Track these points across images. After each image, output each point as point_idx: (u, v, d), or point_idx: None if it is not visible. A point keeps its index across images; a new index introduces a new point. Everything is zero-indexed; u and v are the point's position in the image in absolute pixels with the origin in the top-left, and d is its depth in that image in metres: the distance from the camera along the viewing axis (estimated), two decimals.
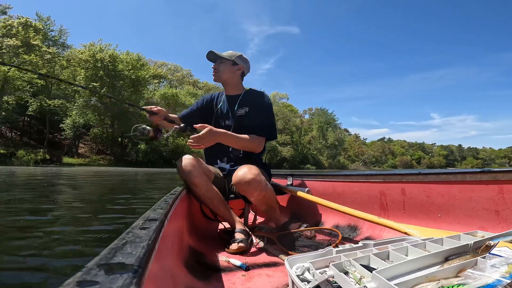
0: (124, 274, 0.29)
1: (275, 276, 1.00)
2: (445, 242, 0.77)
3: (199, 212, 1.75)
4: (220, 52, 1.59)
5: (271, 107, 1.56)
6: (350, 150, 73.26)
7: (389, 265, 0.60)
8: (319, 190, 1.77)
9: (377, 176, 1.46)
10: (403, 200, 1.32)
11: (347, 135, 78.15)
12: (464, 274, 0.52)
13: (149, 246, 0.40)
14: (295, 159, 49.03)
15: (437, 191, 1.19)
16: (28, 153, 19.92)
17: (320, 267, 0.72)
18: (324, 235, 1.48)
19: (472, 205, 1.08)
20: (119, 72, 25.71)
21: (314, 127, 60.43)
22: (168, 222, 0.69)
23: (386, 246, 0.78)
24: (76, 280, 0.27)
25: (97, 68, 25.03)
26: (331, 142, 59.53)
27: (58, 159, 21.78)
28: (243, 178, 1.29)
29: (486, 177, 1.05)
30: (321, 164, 55.82)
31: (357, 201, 1.54)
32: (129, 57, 27.22)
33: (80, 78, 25.08)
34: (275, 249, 1.27)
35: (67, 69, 26.26)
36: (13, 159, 18.63)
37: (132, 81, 26.52)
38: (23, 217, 2.67)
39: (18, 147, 20.93)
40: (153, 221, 0.57)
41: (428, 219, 1.21)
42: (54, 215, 2.77)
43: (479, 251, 0.64)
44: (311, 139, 57.93)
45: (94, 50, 25.70)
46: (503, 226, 0.98)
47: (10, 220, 2.54)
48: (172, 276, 0.72)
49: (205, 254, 1.19)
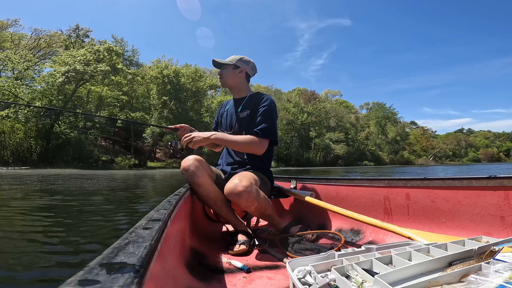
0: (126, 274, 0.29)
1: (276, 279, 1.00)
2: (449, 247, 0.76)
3: (202, 213, 1.76)
4: (239, 56, 1.63)
5: (272, 108, 1.54)
6: (417, 145, 67.01)
7: (391, 270, 0.59)
8: (323, 193, 1.77)
9: (381, 180, 1.45)
10: (407, 205, 1.31)
11: (413, 128, 73.49)
12: (467, 280, 0.51)
13: (151, 246, 0.41)
14: (351, 156, 48.20)
15: (442, 196, 1.18)
16: (123, 159, 24.22)
17: (321, 270, 0.71)
18: (326, 239, 1.47)
19: (477, 211, 1.06)
20: (182, 85, 28.97)
21: (372, 123, 58.43)
22: (171, 223, 0.70)
23: (389, 251, 0.77)
24: (78, 279, 0.28)
25: (165, 83, 28.41)
26: (392, 137, 57.36)
27: (144, 163, 25.57)
28: (233, 190, 1.26)
29: (492, 183, 1.03)
30: (382, 160, 53.69)
31: (361, 205, 1.53)
32: (188, 70, 30.05)
33: (153, 92, 28.97)
34: (277, 252, 1.26)
35: (143, 85, 29.93)
36: (114, 164, 22.99)
37: (193, 93, 29.59)
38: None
39: (114, 154, 25.22)
40: (156, 221, 0.57)
41: (433, 224, 1.19)
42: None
43: (483, 257, 0.63)
44: (368, 134, 55.77)
45: (161, 67, 29.22)
46: (508, 232, 0.97)
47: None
48: (174, 276, 0.72)
49: (207, 255, 1.19)
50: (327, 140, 46.14)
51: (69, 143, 22.02)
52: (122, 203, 4.10)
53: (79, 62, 21.31)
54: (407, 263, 0.65)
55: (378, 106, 60.52)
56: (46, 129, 21.40)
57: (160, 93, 28.18)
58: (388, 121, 58.52)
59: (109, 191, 5.68)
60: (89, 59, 21.90)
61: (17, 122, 20.03)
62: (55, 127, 22.17)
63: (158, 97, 28.03)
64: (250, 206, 1.30)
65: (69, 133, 22.73)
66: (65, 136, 22.34)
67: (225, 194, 1.30)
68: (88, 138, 23.93)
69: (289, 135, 42.75)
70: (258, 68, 1.71)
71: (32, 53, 26.96)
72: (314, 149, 45.46)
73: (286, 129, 42.57)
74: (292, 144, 42.93)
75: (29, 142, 20.14)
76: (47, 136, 21.20)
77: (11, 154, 19.13)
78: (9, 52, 23.80)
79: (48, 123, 21.84)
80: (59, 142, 21.74)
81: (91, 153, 22.85)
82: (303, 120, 43.86)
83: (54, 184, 7.06)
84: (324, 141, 45.59)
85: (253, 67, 1.66)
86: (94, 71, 21.64)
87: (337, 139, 47.35)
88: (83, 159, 21.52)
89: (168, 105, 27.30)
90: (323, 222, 1.70)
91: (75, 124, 23.60)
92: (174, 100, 27.92)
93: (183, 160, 1.38)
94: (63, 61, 21.67)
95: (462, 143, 77.64)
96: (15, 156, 19.19)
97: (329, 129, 48.89)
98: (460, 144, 76.82)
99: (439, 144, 73.56)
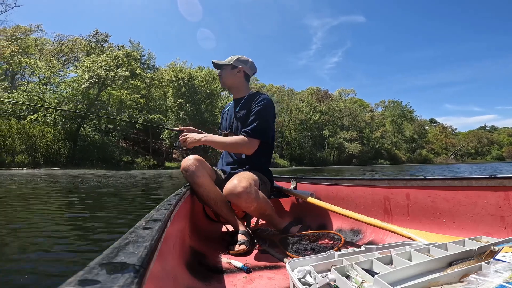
0: (126, 274, 0.29)
1: (276, 279, 1.00)
2: (449, 247, 0.76)
3: (202, 213, 1.76)
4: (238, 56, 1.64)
5: (266, 108, 1.52)
6: (436, 143, 65.50)
7: (391, 270, 0.59)
8: (323, 193, 1.77)
9: (382, 180, 1.45)
10: (407, 205, 1.31)
11: (432, 126, 71.99)
12: (467, 280, 0.51)
13: (151, 246, 0.41)
14: (365, 155, 47.94)
15: (442, 196, 1.18)
16: (143, 160, 25.26)
17: (321, 270, 0.71)
18: (326, 239, 1.47)
19: (478, 211, 1.06)
20: (196, 87, 29.70)
21: (387, 121, 57.49)
22: (171, 223, 0.70)
23: (389, 251, 0.77)
24: (78, 279, 0.28)
25: (180, 85, 29.21)
26: (409, 135, 56.34)
27: (162, 163, 26.34)
28: (232, 191, 1.26)
29: (492, 183, 1.03)
30: (398, 159, 52.86)
31: (361, 205, 1.53)
32: (202, 73, 30.70)
33: (169, 95, 29.64)
34: (277, 252, 1.26)
35: (159, 88, 30.78)
36: (134, 165, 23.96)
37: (207, 94, 30.24)
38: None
39: (134, 155, 26.29)
40: (156, 221, 0.57)
41: (433, 224, 1.19)
42: None
43: (483, 257, 0.63)
44: (384, 133, 54.95)
45: (176, 70, 29.88)
46: (508, 232, 0.97)
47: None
48: (174, 276, 0.72)
49: (207, 255, 1.19)
50: (341, 139, 45.95)
51: (93, 145, 23.09)
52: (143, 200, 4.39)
53: (101, 68, 22.38)
54: (407, 263, 0.65)
55: (394, 104, 59.57)
56: (73, 132, 22.48)
57: (176, 96, 29.00)
58: (405, 119, 57.52)
59: (139, 189, 6.27)
60: (110, 64, 22.95)
61: (46, 126, 21.20)
62: (80, 130, 23.21)
63: (174, 99, 28.91)
64: (249, 207, 1.30)
65: (93, 136, 23.97)
66: (90, 138, 23.56)
67: (224, 194, 1.30)
68: (111, 140, 25.12)
69: (302, 134, 42.86)
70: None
71: (56, 58, 28.22)
72: (328, 148, 45.46)
73: (299, 129, 42.72)
74: (306, 143, 43.05)
75: (57, 145, 21.18)
76: (74, 138, 22.31)
77: (42, 156, 20.13)
78: (37, 59, 25.10)
79: (75, 126, 22.92)
80: (85, 144, 22.85)
81: (113, 154, 23.88)
82: (316, 119, 43.92)
83: (97, 182, 7.70)
84: (338, 140, 45.49)
85: (251, 66, 1.65)
86: (115, 76, 22.74)
87: (351, 138, 47.11)
88: (107, 160, 22.52)
89: (183, 107, 28.16)
90: (323, 222, 1.70)
91: (99, 127, 24.89)
92: (189, 103, 28.76)
93: (183, 160, 1.38)
94: (87, 67, 22.70)
95: (483, 140, 74.85)
96: (45, 158, 20.19)
97: (343, 128, 48.65)
98: (482, 142, 74.07)
99: (459, 142, 71.40)
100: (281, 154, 39.09)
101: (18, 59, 22.68)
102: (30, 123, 20.54)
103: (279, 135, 40.28)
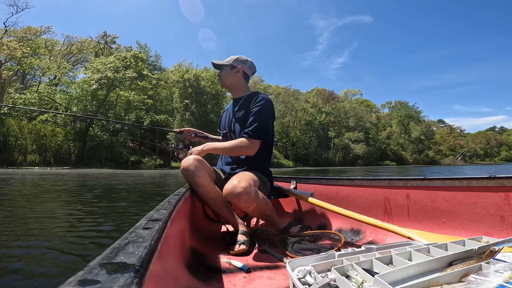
0: (126, 274, 0.29)
1: (276, 279, 1.00)
2: (449, 247, 0.76)
3: (202, 213, 1.76)
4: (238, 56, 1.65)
5: (265, 108, 1.51)
6: (444, 144, 65.01)
7: (391, 270, 0.59)
8: (323, 193, 1.76)
9: (382, 180, 1.45)
10: (407, 205, 1.31)
11: (440, 127, 71.59)
12: (467, 279, 0.51)
13: (151, 246, 0.41)
14: (371, 155, 47.77)
15: (442, 196, 1.18)
16: (150, 160, 25.81)
17: (321, 270, 0.71)
18: (326, 239, 1.47)
19: (478, 211, 1.06)
20: (202, 88, 30.00)
21: (394, 122, 57.11)
22: (171, 223, 0.70)
23: (389, 251, 0.77)
24: (78, 279, 0.28)
25: (186, 86, 29.54)
26: (416, 136, 55.96)
27: (168, 163, 27.02)
28: (232, 191, 1.26)
29: (492, 183, 1.03)
30: (404, 160, 52.57)
31: (361, 205, 1.53)
32: (208, 74, 30.79)
33: (176, 96, 30.14)
34: (277, 252, 1.26)
35: (166, 89, 31.21)
36: (141, 164, 24.62)
37: (213, 95, 30.54)
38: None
39: (141, 155, 26.77)
40: (156, 221, 0.57)
41: (433, 224, 1.19)
42: None
43: (483, 257, 0.63)
44: (390, 134, 54.51)
45: (182, 71, 30.27)
46: (508, 232, 0.97)
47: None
48: (174, 276, 0.72)
49: (207, 255, 1.19)
50: (346, 140, 45.84)
51: (102, 145, 23.49)
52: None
53: (110, 69, 22.95)
54: (407, 263, 0.65)
55: (401, 105, 59.12)
56: (82, 132, 22.96)
57: (182, 97, 29.32)
58: (412, 120, 57.09)
59: (148, 187, 6.52)
60: (118, 66, 23.49)
61: (57, 126, 22.01)
62: (89, 130, 23.64)
63: (180, 100, 29.22)
64: (249, 207, 1.30)
65: (102, 136, 24.41)
66: (99, 138, 23.98)
67: (224, 195, 1.30)
68: (119, 140, 25.51)
69: (307, 135, 42.83)
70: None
71: (65, 59, 29.40)
72: (333, 149, 45.42)
73: (304, 129, 42.66)
74: (311, 144, 43.05)
75: (67, 144, 21.75)
76: (83, 138, 22.88)
77: (52, 155, 20.57)
78: (48, 60, 25.98)
79: (84, 126, 23.43)
80: (94, 144, 23.23)
81: (121, 154, 24.36)
82: (321, 120, 43.87)
83: (110, 181, 7.96)
84: (343, 141, 45.40)
85: (250, 66, 1.65)
86: (123, 77, 23.35)
87: (357, 139, 46.94)
88: (115, 160, 23.01)
89: (189, 108, 28.51)
90: (323, 222, 1.70)
91: (107, 127, 25.39)
92: (195, 103, 29.03)
93: (183, 160, 1.38)
94: (96, 68, 23.14)
95: (492, 141, 73.13)
96: (55, 157, 20.64)
97: (348, 129, 48.50)
98: (491, 143, 72.43)
99: (468, 143, 70.24)
100: (286, 155, 39.04)
101: (29, 60, 23.09)
102: (41, 123, 21.04)
103: (284, 135, 40.22)
